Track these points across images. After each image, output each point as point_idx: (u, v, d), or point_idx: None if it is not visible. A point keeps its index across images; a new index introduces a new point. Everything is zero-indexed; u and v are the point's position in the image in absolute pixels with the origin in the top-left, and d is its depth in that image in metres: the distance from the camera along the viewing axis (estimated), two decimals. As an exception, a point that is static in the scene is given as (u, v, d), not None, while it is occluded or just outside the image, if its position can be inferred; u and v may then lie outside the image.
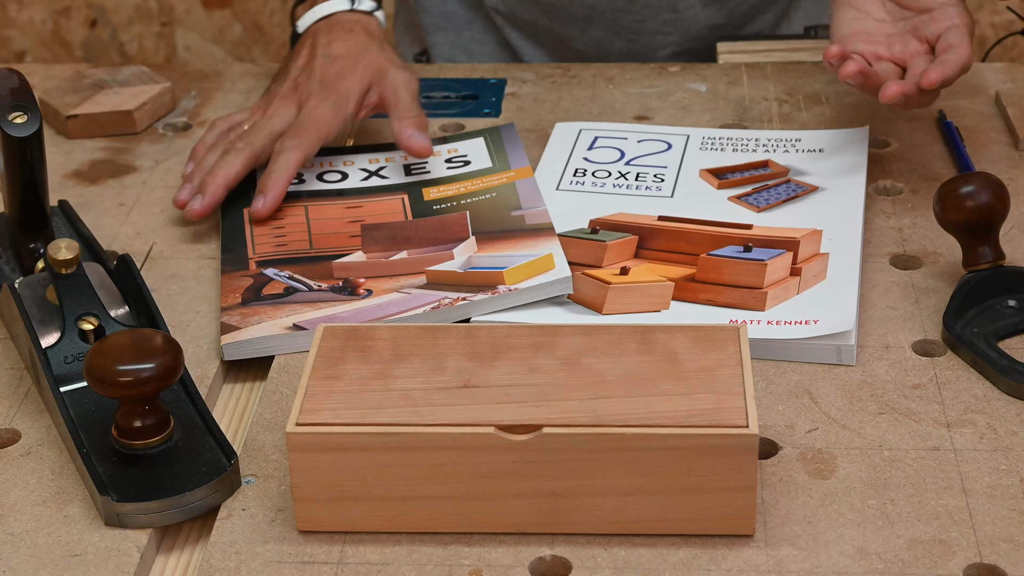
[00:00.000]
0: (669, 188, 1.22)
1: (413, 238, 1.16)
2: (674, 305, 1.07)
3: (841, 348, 1.02)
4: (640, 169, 1.24)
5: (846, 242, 1.12)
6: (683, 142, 1.29)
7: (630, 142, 1.29)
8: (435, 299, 1.07)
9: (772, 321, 1.04)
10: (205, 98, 1.42)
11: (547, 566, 0.87)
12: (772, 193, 1.20)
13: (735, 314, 1.05)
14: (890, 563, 0.86)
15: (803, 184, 1.21)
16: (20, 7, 2.68)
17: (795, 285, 1.08)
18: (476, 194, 1.21)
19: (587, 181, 1.23)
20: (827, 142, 1.26)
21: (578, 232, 1.15)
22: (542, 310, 1.07)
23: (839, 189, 1.20)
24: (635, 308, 1.06)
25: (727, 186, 1.22)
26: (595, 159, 1.26)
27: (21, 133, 1.02)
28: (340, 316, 1.06)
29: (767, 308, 1.06)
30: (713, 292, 1.08)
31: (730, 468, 0.85)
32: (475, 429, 0.86)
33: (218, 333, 1.07)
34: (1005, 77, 1.39)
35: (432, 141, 1.23)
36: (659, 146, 1.28)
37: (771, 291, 1.07)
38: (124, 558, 0.88)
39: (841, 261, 1.10)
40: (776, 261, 1.10)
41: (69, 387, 0.99)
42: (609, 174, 1.24)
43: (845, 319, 1.03)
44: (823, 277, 1.08)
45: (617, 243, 1.13)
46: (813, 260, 1.10)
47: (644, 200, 1.20)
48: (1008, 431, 0.96)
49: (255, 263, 1.13)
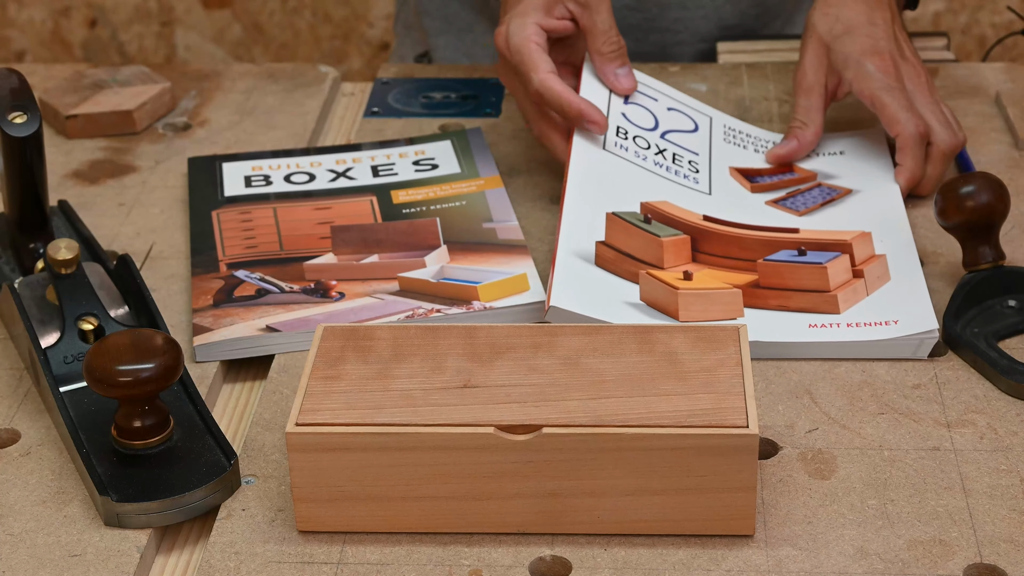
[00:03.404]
0: (705, 182, 1.19)
1: (384, 241, 1.16)
2: (748, 312, 1.05)
3: (922, 341, 1.02)
4: (676, 150, 1.21)
5: (899, 241, 1.11)
6: (707, 125, 1.26)
7: (660, 106, 1.25)
8: (408, 308, 1.07)
9: (852, 323, 1.03)
10: (205, 98, 1.42)
11: (547, 566, 0.87)
12: (808, 197, 1.18)
13: (813, 319, 1.04)
14: (890, 563, 0.86)
15: (835, 187, 1.20)
16: (20, 7, 2.68)
17: (862, 287, 1.07)
18: (445, 200, 1.20)
19: (630, 148, 1.19)
20: (846, 145, 1.25)
21: (631, 217, 1.13)
22: (611, 308, 1.04)
23: (873, 191, 1.18)
24: (710, 316, 1.05)
25: (760, 190, 1.20)
26: (632, 118, 1.22)
27: (21, 133, 1.02)
28: (314, 318, 1.06)
29: (842, 311, 1.05)
30: (783, 297, 1.06)
31: (730, 468, 0.85)
32: (475, 429, 0.86)
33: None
34: (1005, 77, 1.39)
35: (398, 143, 1.22)
36: (687, 123, 1.25)
37: (840, 293, 1.06)
38: (124, 558, 0.88)
39: (901, 262, 1.09)
40: (834, 264, 1.09)
41: (69, 387, 0.99)
42: (648, 145, 1.20)
43: (925, 317, 1.02)
44: (887, 278, 1.08)
45: (672, 241, 1.11)
46: (872, 262, 1.09)
47: (685, 192, 1.17)
48: (1008, 431, 0.96)
49: (225, 265, 1.13)
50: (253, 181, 1.25)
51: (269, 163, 1.27)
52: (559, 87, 1.15)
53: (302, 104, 1.40)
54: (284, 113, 1.39)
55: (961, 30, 2.57)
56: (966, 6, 2.55)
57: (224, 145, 1.33)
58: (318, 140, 1.37)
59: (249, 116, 1.38)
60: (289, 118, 1.38)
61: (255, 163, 1.27)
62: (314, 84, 1.43)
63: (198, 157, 1.29)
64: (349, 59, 2.68)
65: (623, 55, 1.21)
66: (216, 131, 1.36)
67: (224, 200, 1.22)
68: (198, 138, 1.35)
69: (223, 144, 1.34)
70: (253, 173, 1.26)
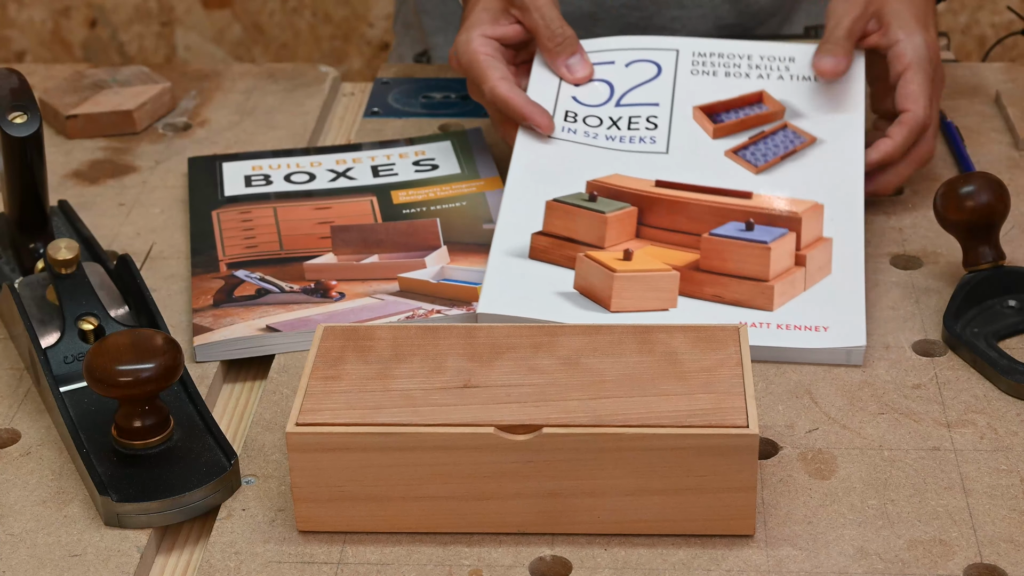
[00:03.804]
0: (663, 139, 1.18)
1: (384, 242, 1.16)
2: (681, 302, 1.06)
3: (851, 351, 1.02)
4: (632, 112, 1.21)
5: (848, 222, 1.11)
6: (672, 61, 1.24)
7: (618, 67, 1.24)
8: (409, 308, 1.07)
9: (782, 325, 1.04)
10: (205, 98, 1.42)
11: (547, 566, 0.87)
12: (770, 146, 1.17)
13: (743, 314, 1.05)
14: (890, 563, 0.86)
15: (800, 133, 1.18)
16: (20, 7, 2.68)
17: (801, 278, 1.07)
18: (445, 201, 1.20)
19: (579, 129, 1.19)
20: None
21: (576, 198, 1.13)
22: (541, 301, 1.05)
23: (837, 140, 1.17)
24: (642, 305, 1.06)
25: (723, 132, 1.19)
26: (584, 99, 1.22)
27: (21, 133, 1.02)
28: (313, 318, 1.06)
29: (775, 307, 1.05)
30: (720, 285, 1.07)
31: (730, 468, 0.85)
32: (475, 429, 0.86)
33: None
34: (1005, 77, 1.39)
35: (398, 143, 1.22)
36: (649, 70, 1.24)
37: (778, 285, 1.06)
38: (124, 558, 0.88)
39: (845, 248, 1.09)
40: (780, 244, 1.09)
41: (69, 387, 0.99)
42: (600, 121, 1.20)
43: (855, 329, 1.02)
44: (828, 270, 1.08)
45: (617, 216, 1.11)
46: (817, 246, 1.09)
47: (639, 158, 1.17)
48: (1008, 431, 0.96)
49: (225, 265, 1.13)
50: (253, 181, 1.25)
51: (269, 163, 1.27)
52: (506, 92, 1.18)
53: (302, 104, 1.40)
54: (284, 113, 1.39)
55: (961, 30, 2.57)
56: (966, 6, 2.55)
57: (224, 145, 1.33)
58: (318, 140, 1.37)
59: (249, 116, 1.38)
60: (289, 118, 1.38)
61: (255, 163, 1.27)
62: (314, 84, 1.43)
63: (198, 157, 1.29)
64: (349, 59, 2.68)
65: (571, 45, 1.23)
66: (216, 131, 1.36)
67: (224, 200, 1.22)
68: (198, 138, 1.35)
69: (223, 144, 1.34)
70: (253, 173, 1.26)
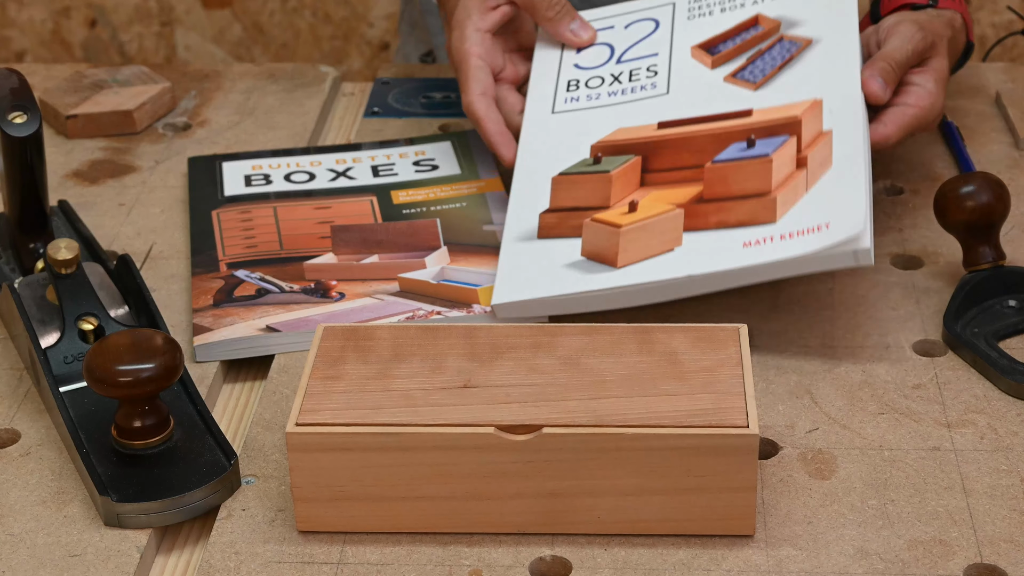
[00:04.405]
0: (664, 82, 1.18)
1: (384, 242, 1.16)
2: (686, 238, 1.05)
3: (858, 253, 0.99)
4: (632, 66, 1.21)
5: (846, 110, 1.09)
6: (669, 14, 1.25)
7: (617, 30, 1.25)
8: (409, 309, 1.07)
9: (784, 235, 1.02)
10: (205, 98, 1.42)
11: (547, 566, 0.87)
12: (767, 60, 1.17)
13: (747, 234, 1.03)
14: (890, 563, 0.86)
15: (796, 39, 1.17)
16: (20, 7, 2.68)
17: (803, 181, 1.05)
18: (446, 201, 1.20)
19: (581, 95, 1.20)
20: None
21: (580, 166, 1.13)
22: (551, 277, 1.06)
23: (832, 38, 1.16)
24: (648, 252, 1.05)
25: (721, 61, 1.18)
26: (585, 63, 1.22)
27: (21, 133, 1.02)
28: (313, 318, 1.06)
29: (778, 217, 1.03)
30: (723, 211, 1.06)
31: (730, 468, 0.85)
32: (475, 429, 0.86)
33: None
34: (1005, 77, 1.39)
35: (398, 143, 1.22)
36: (647, 27, 1.24)
37: (780, 194, 1.05)
38: (124, 558, 0.88)
39: (845, 137, 1.07)
40: (781, 152, 1.08)
41: (69, 387, 0.99)
42: (602, 80, 1.20)
43: (855, 217, 1.00)
44: (829, 164, 1.06)
45: (621, 171, 1.11)
46: (818, 143, 1.08)
47: (641, 106, 1.17)
48: (1008, 431, 0.96)
49: (225, 265, 1.13)
50: (253, 180, 1.25)
51: (269, 162, 1.27)
52: (481, 113, 1.19)
53: (302, 104, 1.40)
54: (284, 113, 1.39)
55: (961, 30, 2.56)
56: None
57: (224, 145, 1.33)
58: (318, 140, 1.37)
59: (249, 116, 1.38)
60: (289, 118, 1.38)
61: (255, 162, 1.27)
62: (314, 84, 1.43)
63: (198, 157, 1.29)
64: (349, 59, 2.68)
65: (570, 11, 1.23)
66: (216, 131, 1.36)
67: (224, 200, 1.22)
68: (198, 138, 1.35)
69: (223, 144, 1.34)
70: (253, 172, 1.26)
